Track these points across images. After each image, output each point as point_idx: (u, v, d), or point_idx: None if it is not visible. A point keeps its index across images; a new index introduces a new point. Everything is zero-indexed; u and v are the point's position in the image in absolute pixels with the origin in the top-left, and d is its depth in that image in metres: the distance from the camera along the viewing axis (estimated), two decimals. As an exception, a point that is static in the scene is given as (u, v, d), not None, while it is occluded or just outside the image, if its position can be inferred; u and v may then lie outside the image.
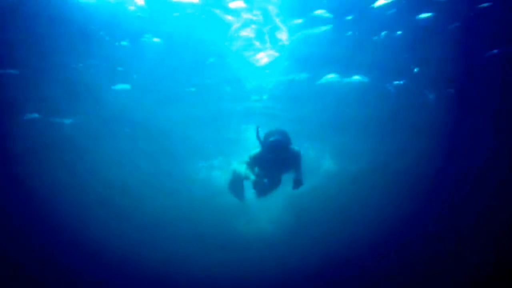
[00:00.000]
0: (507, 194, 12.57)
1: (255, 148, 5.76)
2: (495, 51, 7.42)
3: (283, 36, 7.42)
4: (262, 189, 5.62)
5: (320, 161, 14.68)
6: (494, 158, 11.71)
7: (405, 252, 14.21)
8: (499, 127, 10.29)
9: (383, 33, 7.13)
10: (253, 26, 7.13)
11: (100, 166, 13.97)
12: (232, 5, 6.57)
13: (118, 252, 15.04)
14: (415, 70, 8.46)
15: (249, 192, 6.12)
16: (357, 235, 16.03)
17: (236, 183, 6.68)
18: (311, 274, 14.67)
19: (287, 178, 6.01)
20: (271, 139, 5.24)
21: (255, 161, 5.49)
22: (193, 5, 6.59)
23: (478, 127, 10.46)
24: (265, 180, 5.19)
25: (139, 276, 14.25)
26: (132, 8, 6.63)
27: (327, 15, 6.69)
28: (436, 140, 11.39)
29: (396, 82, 9.03)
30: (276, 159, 5.31)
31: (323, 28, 7.02)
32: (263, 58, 8.21)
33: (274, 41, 7.63)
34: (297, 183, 5.42)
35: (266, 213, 19.79)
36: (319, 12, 6.63)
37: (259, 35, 7.44)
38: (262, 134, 5.52)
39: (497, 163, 11.89)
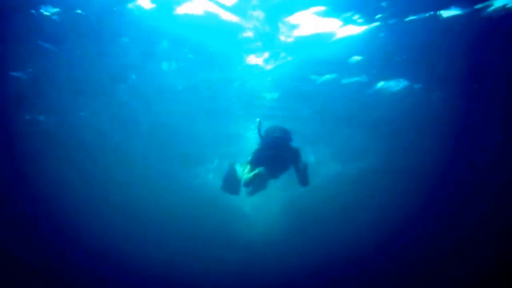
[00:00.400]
0: (508, 194, 12.58)
1: (255, 146, 5.72)
2: (498, 49, 7.36)
3: (285, 37, 7.50)
4: (257, 187, 5.51)
5: (322, 162, 14.73)
6: (496, 158, 11.71)
7: (405, 252, 14.25)
8: (503, 127, 10.20)
9: (383, 33, 7.09)
10: (257, 27, 7.21)
11: (104, 164, 14.08)
12: (235, 6, 6.68)
13: (121, 248, 15.19)
14: (419, 69, 8.43)
15: (244, 188, 6.04)
16: (357, 235, 16.08)
17: (231, 178, 6.49)
18: (311, 274, 14.74)
19: (289, 180, 5.95)
20: (274, 135, 5.15)
21: (255, 158, 5.39)
22: (197, 6, 6.72)
23: (481, 127, 10.41)
24: (262, 173, 4.97)
25: (142, 272, 14.38)
26: (138, 9, 6.78)
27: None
28: (437, 140, 11.36)
29: (399, 82, 9.02)
30: (276, 156, 5.26)
31: (325, 27, 7.10)
32: (265, 59, 8.27)
33: (277, 42, 7.70)
34: (303, 182, 5.22)
35: (268, 214, 19.87)
36: (319, 10, 6.68)
37: (263, 36, 7.52)
38: (263, 130, 5.43)
39: (498, 164, 11.89)
